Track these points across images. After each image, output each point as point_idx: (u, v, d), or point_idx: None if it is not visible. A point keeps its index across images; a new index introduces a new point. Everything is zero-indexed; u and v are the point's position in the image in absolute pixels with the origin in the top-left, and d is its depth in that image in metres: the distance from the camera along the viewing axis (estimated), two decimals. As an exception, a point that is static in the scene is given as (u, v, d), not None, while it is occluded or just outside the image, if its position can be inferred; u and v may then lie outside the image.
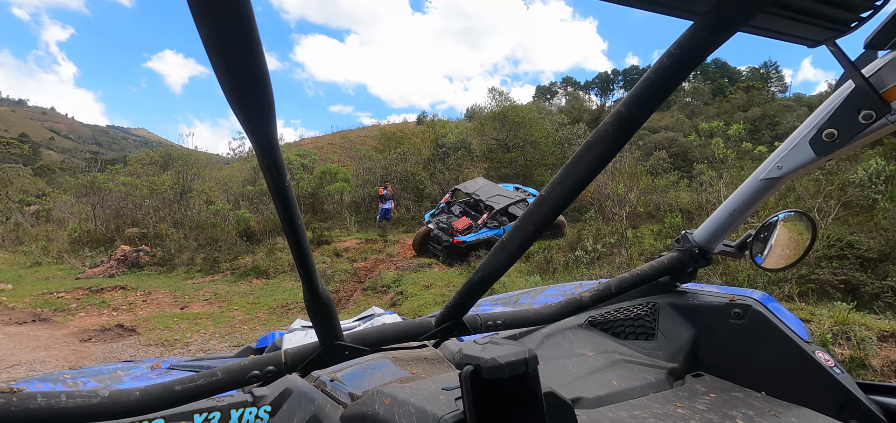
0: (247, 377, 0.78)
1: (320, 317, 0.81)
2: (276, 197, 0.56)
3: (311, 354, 0.85)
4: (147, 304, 8.13)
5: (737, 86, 74.84)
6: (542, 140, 15.61)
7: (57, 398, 0.61)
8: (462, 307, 0.96)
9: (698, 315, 1.22)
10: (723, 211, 1.16)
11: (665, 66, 0.56)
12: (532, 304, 1.65)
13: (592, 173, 0.67)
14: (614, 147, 0.64)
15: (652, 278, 1.26)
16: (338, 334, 0.85)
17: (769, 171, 1.02)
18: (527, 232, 0.76)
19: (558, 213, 0.73)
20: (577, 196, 0.72)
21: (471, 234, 9.63)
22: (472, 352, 0.66)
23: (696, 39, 0.54)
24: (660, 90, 0.58)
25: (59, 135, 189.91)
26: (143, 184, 14.65)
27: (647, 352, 1.24)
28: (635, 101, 0.61)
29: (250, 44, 0.38)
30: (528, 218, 0.75)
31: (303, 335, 1.52)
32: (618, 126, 0.63)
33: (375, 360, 1.13)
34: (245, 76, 0.40)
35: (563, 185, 0.70)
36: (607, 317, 1.38)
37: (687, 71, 0.56)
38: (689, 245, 1.25)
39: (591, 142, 0.66)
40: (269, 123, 0.46)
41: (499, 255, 0.82)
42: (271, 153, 0.49)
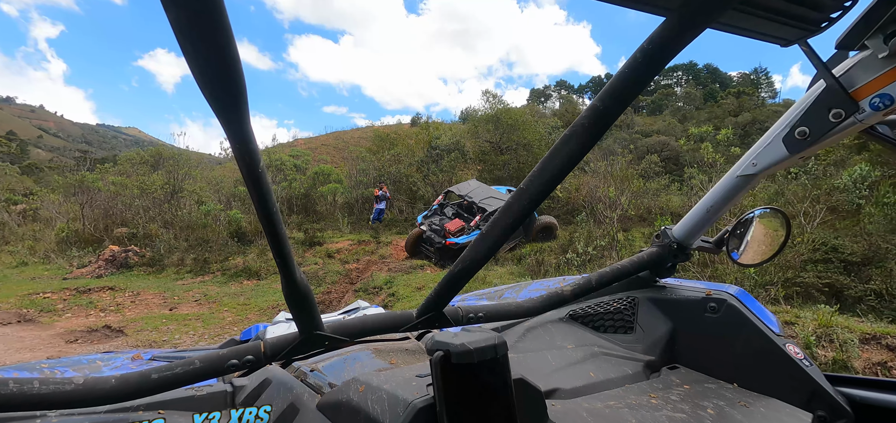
0: (225, 365, 0.78)
1: (299, 307, 0.81)
2: (249, 183, 0.55)
3: (290, 343, 0.85)
4: (135, 305, 8.04)
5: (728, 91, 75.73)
6: (535, 143, 15.66)
7: (29, 385, 0.61)
8: (442, 299, 0.96)
9: (676, 309, 1.25)
10: (700, 207, 1.19)
11: (638, 62, 0.58)
12: (516, 298, 1.66)
13: (569, 166, 0.69)
14: (590, 141, 0.66)
15: (632, 272, 1.29)
16: (317, 324, 0.85)
17: (745, 168, 1.04)
18: (505, 225, 0.77)
19: (536, 205, 0.74)
20: (554, 189, 0.73)
21: (463, 236, 9.66)
22: (443, 339, 0.67)
23: (668, 35, 0.55)
24: (633, 85, 0.60)
25: (48, 133, 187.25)
26: (133, 184, 14.49)
27: (626, 345, 1.27)
28: (610, 95, 0.62)
29: (220, 27, 0.37)
30: (507, 211, 0.76)
31: (286, 327, 1.50)
32: (593, 120, 0.64)
33: (356, 351, 1.14)
34: (215, 61, 0.39)
35: (541, 178, 0.71)
36: (588, 311, 1.40)
37: (659, 66, 0.57)
38: (668, 241, 1.28)
39: (567, 136, 0.67)
40: (240, 108, 0.45)
41: (478, 247, 0.83)
42: (244, 139, 0.49)
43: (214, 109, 0.44)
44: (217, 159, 26.65)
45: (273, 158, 17.90)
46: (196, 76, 0.41)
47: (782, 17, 0.67)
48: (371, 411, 0.72)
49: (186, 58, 0.39)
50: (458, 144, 17.70)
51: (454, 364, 0.64)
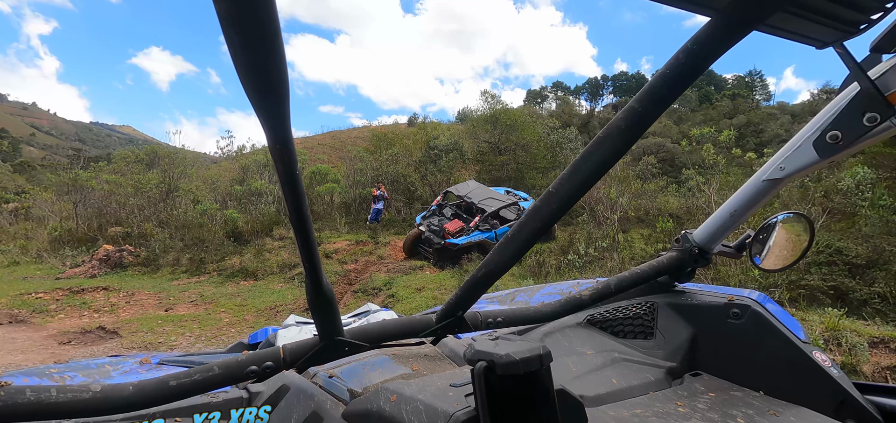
0: (244, 372, 0.76)
1: (323, 312, 0.80)
2: (285, 185, 0.55)
3: (310, 349, 0.84)
4: (130, 305, 7.91)
5: (723, 93, 76.37)
6: (533, 143, 15.63)
7: (47, 393, 0.60)
8: (464, 304, 0.95)
9: (697, 315, 1.22)
10: (723, 212, 1.17)
11: (681, 62, 0.56)
12: (529, 301, 1.66)
13: (603, 170, 0.67)
14: (626, 143, 0.64)
15: (651, 277, 1.27)
16: (339, 330, 0.85)
17: (771, 172, 1.02)
18: (533, 228, 0.75)
19: (566, 209, 0.72)
20: (587, 192, 0.71)
21: (463, 236, 9.59)
22: (484, 348, 0.65)
23: (714, 36, 0.53)
24: (675, 86, 0.58)
25: (41, 131, 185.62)
26: (127, 182, 14.32)
27: (646, 351, 1.24)
28: (649, 97, 0.60)
29: (270, 23, 0.36)
30: (535, 214, 0.74)
31: (297, 331, 1.48)
32: (630, 122, 0.62)
33: (374, 356, 1.13)
34: (263, 57, 0.38)
35: (572, 180, 0.69)
36: (606, 316, 1.37)
37: (703, 67, 0.56)
38: (689, 245, 1.25)
39: (601, 138, 0.65)
40: (283, 108, 0.44)
41: (503, 252, 0.81)
42: (284, 138, 0.48)
43: (257, 107, 0.44)
44: (213, 158, 26.42)
45: (269, 156, 17.73)
46: (241, 72, 0.40)
47: (822, 17, 0.65)
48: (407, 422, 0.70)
49: (232, 52, 0.38)
50: (457, 145, 17.64)
51: (499, 375, 0.62)
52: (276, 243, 12.62)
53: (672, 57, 0.57)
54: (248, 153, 19.26)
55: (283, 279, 9.62)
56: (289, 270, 10.16)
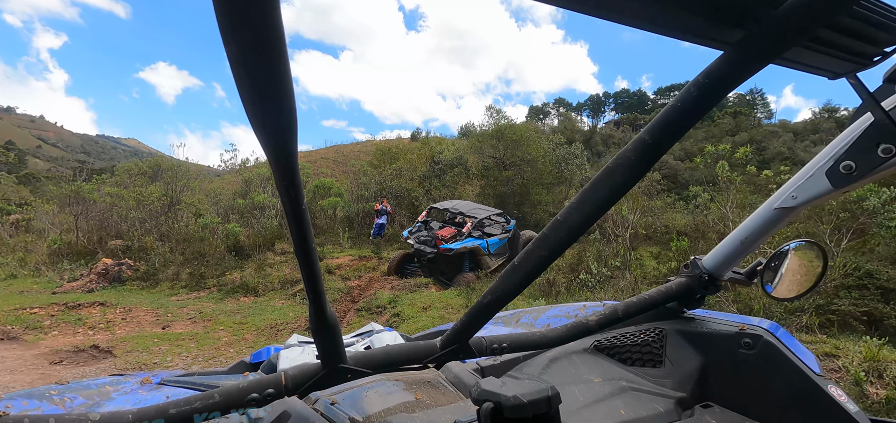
0: (245, 399, 0.76)
1: (326, 338, 0.80)
2: (292, 218, 0.56)
3: (313, 376, 0.83)
4: (126, 322, 7.68)
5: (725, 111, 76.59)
6: (538, 159, 15.45)
7: (45, 422, 0.59)
8: (468, 331, 0.94)
9: (707, 343, 1.19)
10: (734, 238, 1.15)
11: (692, 96, 0.57)
12: (534, 324, 1.65)
13: (612, 200, 0.67)
14: (636, 175, 0.64)
15: (660, 303, 1.25)
16: (342, 357, 0.84)
17: (783, 200, 1.00)
18: (540, 257, 0.75)
19: (575, 239, 0.71)
20: (595, 222, 0.70)
21: (457, 242, 9.40)
22: (491, 387, 0.65)
23: (726, 70, 0.54)
24: (686, 119, 0.58)
25: (47, 143, 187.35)
26: (129, 195, 14.18)
27: (655, 380, 1.20)
28: (660, 128, 0.60)
29: (279, 66, 0.37)
30: (542, 243, 0.73)
31: (300, 352, 1.47)
32: (640, 153, 0.62)
33: (375, 381, 1.10)
34: (271, 99, 0.39)
35: (581, 210, 0.68)
36: (614, 342, 1.33)
37: (714, 101, 0.56)
38: (698, 272, 1.23)
39: (611, 168, 0.65)
40: (291, 145, 0.45)
41: (510, 278, 0.81)
42: (291, 175, 0.50)
43: (265, 145, 0.45)
44: (216, 171, 26.35)
45: (273, 170, 17.62)
46: (249, 111, 0.40)
47: (835, 50, 0.65)
48: None
49: (241, 92, 0.39)
50: (461, 160, 17.49)
51: (506, 418, 0.62)
52: (277, 258, 12.40)
53: (683, 89, 0.58)
54: (252, 166, 19.19)
55: (284, 296, 9.38)
56: (290, 286, 9.92)
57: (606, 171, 0.66)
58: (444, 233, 9.74)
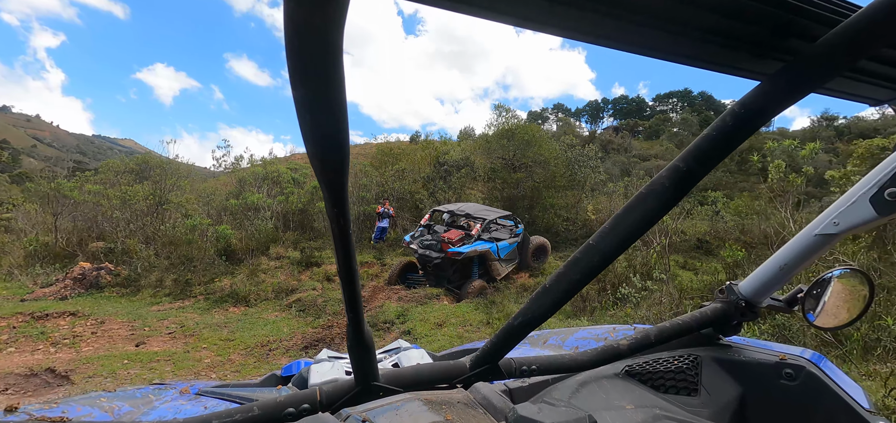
0: (282, 414, 0.78)
1: (361, 357, 0.82)
2: (339, 242, 0.59)
3: (347, 393, 0.86)
4: (96, 337, 6.70)
5: (725, 118, 76.62)
6: (551, 161, 14.56)
7: None
8: (499, 352, 0.95)
9: (745, 373, 1.14)
10: (772, 264, 1.10)
11: (727, 125, 0.57)
12: (562, 346, 1.62)
13: (645, 227, 0.67)
14: (670, 202, 0.64)
15: (694, 329, 1.21)
16: (375, 375, 0.86)
17: (824, 227, 0.97)
18: (572, 280, 0.75)
19: (608, 263, 0.71)
20: (628, 248, 0.75)
21: (466, 245, 8.50)
22: (527, 414, 0.69)
23: (762, 101, 0.54)
24: (721, 148, 0.59)
25: (43, 142, 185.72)
26: (113, 194, 13.20)
27: (690, 409, 1.14)
28: (694, 156, 0.61)
29: (339, 111, 0.41)
30: (575, 266, 0.74)
31: (330, 366, 1.45)
32: (675, 180, 0.62)
33: (405, 400, 1.06)
34: (331, 139, 0.43)
35: (613, 234, 0.69)
36: (646, 367, 1.24)
37: (750, 131, 0.56)
38: (735, 297, 1.19)
39: (644, 194, 0.66)
40: (343, 176, 0.50)
41: (541, 300, 0.81)
42: (342, 204, 0.53)
43: (321, 177, 0.49)
44: (211, 173, 25.34)
45: (269, 169, 16.69)
46: (310, 148, 0.44)
47: (876, 78, 0.62)
48: None
49: (304, 130, 0.42)
50: (468, 161, 16.58)
51: None
52: (272, 263, 11.45)
53: (718, 118, 0.58)
54: (246, 167, 18.23)
55: (278, 307, 8.43)
56: (285, 295, 8.97)
57: (640, 197, 0.66)
58: (450, 236, 8.87)
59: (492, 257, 8.92)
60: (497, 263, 9.04)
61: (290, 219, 15.15)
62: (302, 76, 0.37)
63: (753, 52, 0.51)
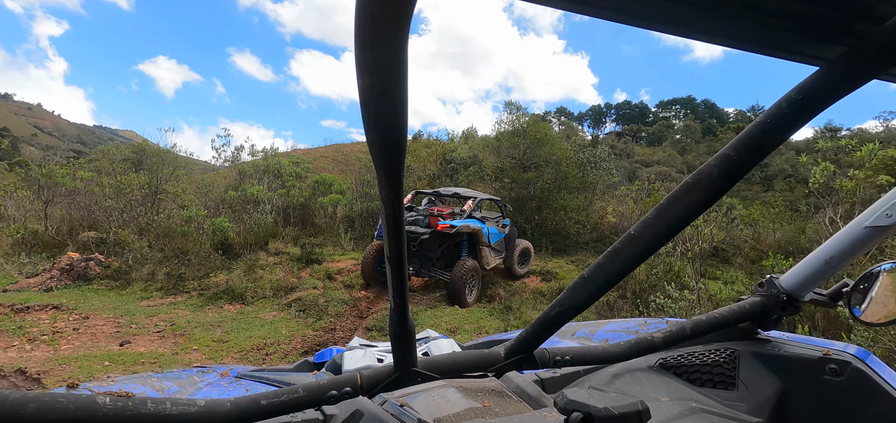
0: (326, 395, 0.80)
1: (403, 344, 0.84)
2: (392, 230, 0.59)
3: (386, 378, 0.87)
4: (78, 334, 6.16)
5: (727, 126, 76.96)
6: (563, 161, 14.03)
7: (163, 405, 0.64)
8: (534, 341, 0.96)
9: (786, 368, 1.10)
10: (817, 257, 1.05)
11: (783, 112, 0.56)
12: (591, 338, 1.61)
13: (690, 217, 0.66)
14: (718, 192, 0.63)
15: (732, 322, 1.18)
16: (414, 362, 0.88)
17: (876, 219, 0.92)
18: (612, 271, 0.75)
19: (649, 254, 0.70)
20: (671, 239, 0.71)
21: (459, 220, 7.77)
22: (578, 398, 0.66)
23: (821, 87, 0.53)
24: (775, 135, 0.58)
25: (43, 131, 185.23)
26: (107, 182, 12.65)
27: (728, 403, 1.11)
28: (746, 144, 0.60)
29: (401, 98, 0.42)
30: (615, 257, 0.74)
31: (363, 354, 1.47)
32: (724, 169, 0.61)
33: (439, 386, 1.11)
34: (392, 126, 0.44)
35: (657, 226, 0.68)
36: (680, 361, 1.23)
37: (807, 118, 0.55)
38: (776, 291, 1.15)
39: (691, 184, 0.64)
40: (401, 164, 0.50)
41: (580, 290, 0.81)
42: (397, 192, 0.54)
43: (379, 164, 0.50)
44: (211, 166, 24.76)
45: (271, 162, 16.15)
46: (371, 136, 0.46)
47: None
48: None
49: (366, 116, 0.44)
50: (476, 159, 16.05)
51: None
52: (271, 259, 10.90)
53: (774, 105, 0.57)
54: (247, 160, 17.67)
55: (276, 305, 7.88)
56: (285, 293, 8.43)
57: (686, 186, 0.65)
58: (441, 210, 8.14)
59: (482, 240, 8.12)
60: (487, 248, 8.25)
61: (290, 214, 14.61)
62: (370, 65, 0.38)
63: (814, 34, 0.48)
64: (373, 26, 0.35)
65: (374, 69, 0.39)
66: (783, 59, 0.52)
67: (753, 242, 14.38)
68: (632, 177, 30.13)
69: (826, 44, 0.49)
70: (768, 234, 14.56)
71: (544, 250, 12.79)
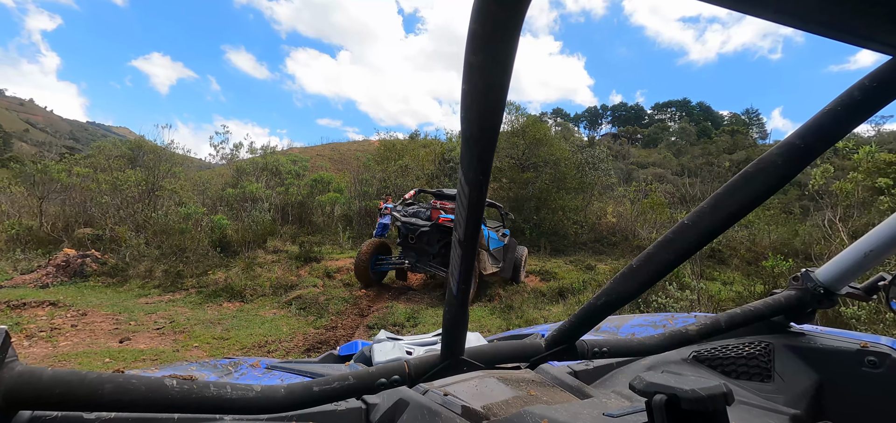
0: (376, 383, 0.81)
1: (457, 331, 0.82)
2: (471, 214, 0.58)
3: (434, 366, 0.86)
4: (77, 330, 6.10)
5: (722, 129, 77.39)
6: (562, 161, 14.07)
7: (224, 389, 0.65)
8: (578, 332, 0.95)
9: (823, 360, 1.12)
10: (856, 251, 1.05)
11: (855, 99, 0.54)
12: (617, 333, 1.59)
13: (750, 207, 0.63)
14: (780, 180, 0.60)
15: (766, 316, 1.17)
16: (462, 350, 0.87)
17: None
18: (664, 260, 0.71)
19: (704, 244, 0.68)
20: (727, 229, 0.68)
21: None
22: (659, 381, 0.66)
23: None
24: (844, 123, 0.56)
25: (36, 127, 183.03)
26: (103, 178, 12.55)
27: (765, 395, 1.13)
28: (814, 132, 0.58)
29: (506, 78, 0.42)
30: (668, 245, 0.70)
31: (391, 347, 1.45)
32: (788, 157, 0.59)
33: (481, 376, 1.15)
34: (491, 106, 0.44)
35: (713, 215, 0.65)
36: (714, 353, 1.25)
37: (878, 106, 0.53)
38: (812, 284, 1.15)
39: (751, 172, 0.63)
40: (494, 145, 0.50)
41: (628, 280, 0.78)
42: (487, 173, 0.53)
43: (475, 141, 0.49)
44: (207, 164, 24.57)
45: (269, 160, 16.07)
46: (469, 109, 0.45)
47: None
48: None
49: (469, 94, 0.43)
50: (475, 158, 16.06)
51: (682, 410, 0.62)
52: (270, 257, 10.85)
53: (844, 92, 0.55)
54: (246, 158, 17.59)
55: (276, 303, 7.85)
56: (285, 291, 8.39)
57: (745, 175, 0.62)
58: (444, 204, 8.05)
59: (482, 243, 7.94)
60: (485, 252, 8.08)
61: (289, 212, 14.56)
62: (483, 41, 0.37)
63: (889, 17, 0.44)
64: (498, 2, 0.35)
65: (488, 46, 0.38)
66: (858, 45, 0.49)
67: (749, 243, 14.52)
68: (628, 178, 30.25)
69: None
70: (763, 236, 14.71)
71: (543, 249, 12.82)
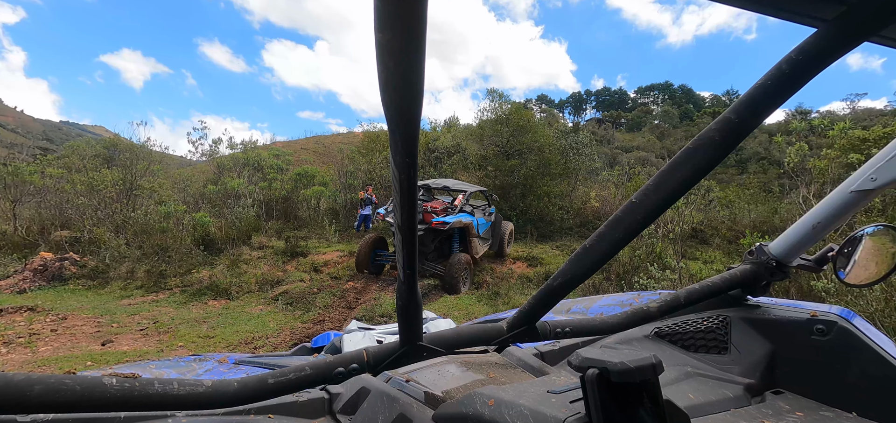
0: (333, 373, 0.81)
1: (411, 318, 0.84)
2: (405, 195, 0.57)
3: (392, 353, 0.87)
4: (57, 335, 5.98)
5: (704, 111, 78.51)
6: (546, 147, 14.16)
7: (170, 386, 0.64)
8: (536, 314, 0.97)
9: (775, 330, 1.15)
10: (804, 223, 1.11)
11: (783, 73, 0.56)
12: (586, 313, 1.63)
13: (691, 182, 0.66)
14: (718, 155, 0.64)
15: (723, 290, 1.22)
16: (419, 336, 0.88)
17: (861, 182, 0.95)
18: (614, 239, 0.75)
19: (651, 221, 0.71)
20: (672, 205, 0.71)
21: (451, 215, 7.94)
22: (593, 355, 0.67)
23: (820, 47, 0.54)
24: (775, 96, 0.58)
25: (5, 129, 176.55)
26: (79, 179, 12.20)
27: (721, 366, 1.18)
28: (747, 106, 0.60)
29: (420, 55, 0.41)
30: (617, 225, 0.74)
31: (361, 336, 1.50)
32: (725, 133, 0.62)
33: (443, 362, 1.16)
34: (409, 84, 0.43)
35: (657, 193, 0.69)
36: (675, 329, 1.29)
37: (806, 78, 0.56)
38: (765, 258, 1.19)
39: (691, 149, 0.65)
40: (417, 127, 0.49)
41: (582, 260, 0.81)
42: (413, 156, 0.52)
43: (397, 123, 0.48)
44: (186, 162, 24.05)
45: (250, 155, 15.82)
46: (386, 91, 0.44)
47: None
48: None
49: (382, 74, 0.42)
50: (460, 147, 16.06)
51: (612, 383, 0.63)
52: (255, 253, 10.74)
53: (774, 67, 0.57)
54: (226, 153, 17.27)
55: (262, 300, 7.79)
56: (270, 287, 8.33)
57: (687, 152, 0.65)
58: (434, 206, 8.26)
59: (473, 232, 8.46)
60: (476, 239, 8.59)
61: (273, 207, 14.38)
62: (390, 19, 0.37)
63: None
64: None
65: (395, 23, 0.37)
66: (784, 18, 0.52)
67: (730, 223, 14.85)
68: (612, 163, 30.58)
69: (826, 4, 0.50)
70: (744, 215, 15.05)
71: (529, 235, 12.94)
